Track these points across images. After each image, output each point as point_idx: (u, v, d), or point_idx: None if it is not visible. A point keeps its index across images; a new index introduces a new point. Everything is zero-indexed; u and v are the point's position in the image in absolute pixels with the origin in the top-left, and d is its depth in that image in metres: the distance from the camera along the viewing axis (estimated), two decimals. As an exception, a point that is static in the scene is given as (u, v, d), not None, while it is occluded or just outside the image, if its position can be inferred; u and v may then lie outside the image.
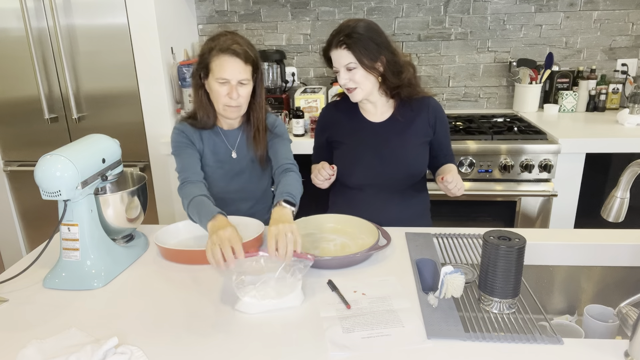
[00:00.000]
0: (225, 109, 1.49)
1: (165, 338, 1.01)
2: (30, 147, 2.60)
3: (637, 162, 1.04)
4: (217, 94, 1.47)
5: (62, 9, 2.34)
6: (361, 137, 1.61)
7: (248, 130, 1.59)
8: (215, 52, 1.45)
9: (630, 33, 2.73)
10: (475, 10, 2.75)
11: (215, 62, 1.44)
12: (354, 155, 1.62)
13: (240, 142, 1.61)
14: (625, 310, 1.12)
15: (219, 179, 1.60)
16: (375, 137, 1.60)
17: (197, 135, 1.56)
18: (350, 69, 1.49)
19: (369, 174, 1.60)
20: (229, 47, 1.43)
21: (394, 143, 1.59)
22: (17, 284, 1.24)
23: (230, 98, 1.46)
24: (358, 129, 1.62)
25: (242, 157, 1.61)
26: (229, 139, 1.59)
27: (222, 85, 1.46)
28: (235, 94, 1.45)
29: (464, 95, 2.92)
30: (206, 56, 1.47)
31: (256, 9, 2.86)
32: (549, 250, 1.40)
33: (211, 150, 1.57)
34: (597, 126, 2.46)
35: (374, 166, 1.59)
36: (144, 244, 1.42)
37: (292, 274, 1.13)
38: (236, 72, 1.44)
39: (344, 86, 1.53)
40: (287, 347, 0.97)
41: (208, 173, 1.57)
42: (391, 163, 1.58)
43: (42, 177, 1.13)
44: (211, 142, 1.58)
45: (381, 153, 1.59)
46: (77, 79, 2.45)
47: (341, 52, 1.48)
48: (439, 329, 1.00)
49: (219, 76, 1.44)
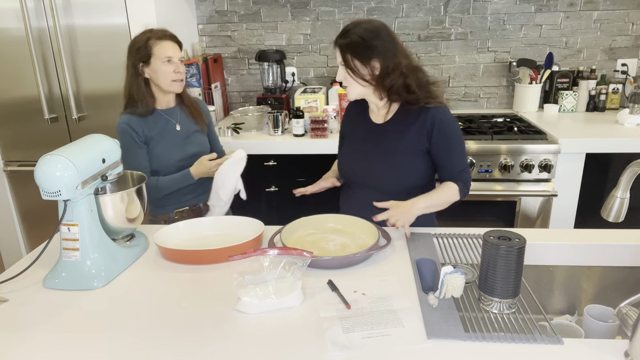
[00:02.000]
0: (172, 84, 1.76)
1: (165, 338, 1.01)
2: (30, 147, 2.60)
3: (637, 162, 1.04)
4: (163, 73, 1.73)
5: (62, 9, 2.34)
6: (360, 136, 1.61)
7: (184, 107, 1.88)
8: (153, 40, 1.72)
9: (630, 33, 2.73)
10: (475, 10, 2.75)
11: (157, 47, 1.71)
12: (350, 153, 1.64)
13: (180, 117, 1.86)
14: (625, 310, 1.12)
15: (174, 150, 1.82)
16: (370, 138, 1.58)
17: (142, 123, 1.77)
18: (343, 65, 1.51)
19: (362, 174, 1.59)
20: (165, 33, 1.74)
21: (384, 147, 1.55)
22: (17, 284, 1.24)
23: (177, 72, 1.75)
24: (360, 127, 1.63)
25: (186, 129, 1.86)
26: (170, 116, 1.84)
27: (168, 63, 1.72)
28: (181, 68, 1.76)
29: (464, 95, 2.92)
30: (144, 46, 1.72)
31: (256, 9, 2.86)
32: (549, 250, 1.40)
33: (158, 131, 1.80)
34: (597, 126, 2.46)
35: (364, 167, 1.58)
36: (144, 244, 1.42)
37: (292, 273, 1.13)
38: (177, 52, 1.75)
39: (340, 81, 1.55)
40: (287, 347, 0.97)
41: (163, 149, 1.79)
42: (379, 167, 1.56)
43: (42, 177, 1.13)
44: (154, 123, 1.80)
45: (371, 155, 1.57)
46: (77, 79, 2.45)
47: (336, 50, 1.51)
48: (439, 329, 1.00)
49: (164, 57, 1.71)
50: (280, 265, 1.15)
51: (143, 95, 1.76)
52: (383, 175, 1.56)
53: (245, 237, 1.40)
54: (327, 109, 2.54)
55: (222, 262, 1.31)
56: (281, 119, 2.47)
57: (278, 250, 1.16)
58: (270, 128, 2.49)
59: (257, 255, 1.16)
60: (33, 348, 0.99)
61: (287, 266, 1.15)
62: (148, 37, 1.71)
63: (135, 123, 1.75)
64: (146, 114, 1.77)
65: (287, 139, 2.44)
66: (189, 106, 1.88)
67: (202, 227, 1.50)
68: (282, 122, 2.48)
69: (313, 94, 2.61)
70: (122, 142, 1.67)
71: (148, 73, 1.75)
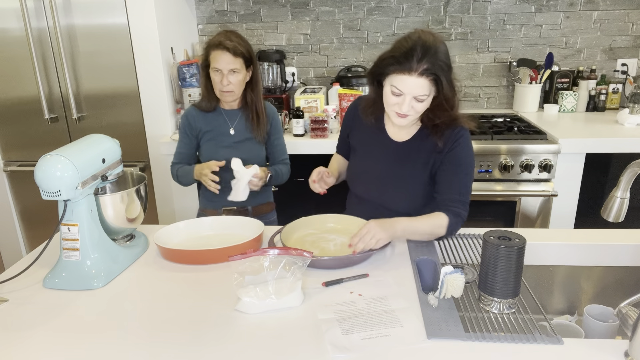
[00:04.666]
0: (221, 93, 1.80)
1: (165, 338, 1.01)
2: (30, 147, 2.60)
3: (637, 162, 1.04)
4: (214, 81, 1.79)
5: (62, 9, 2.34)
6: (374, 151, 1.52)
7: (246, 113, 1.88)
8: (210, 47, 1.77)
9: (630, 33, 2.73)
10: (475, 10, 2.75)
11: (212, 55, 1.76)
12: (363, 168, 1.55)
13: (239, 121, 1.88)
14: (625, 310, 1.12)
15: (220, 151, 1.85)
16: (389, 158, 1.49)
17: (200, 117, 1.86)
18: (420, 100, 1.30)
19: (370, 190, 1.54)
20: (220, 42, 1.74)
21: (406, 170, 1.46)
22: (17, 284, 1.24)
23: (222, 84, 1.76)
24: (376, 142, 1.52)
25: (239, 134, 1.88)
26: (230, 118, 1.88)
27: (217, 73, 1.76)
28: (226, 81, 1.75)
29: (464, 95, 2.92)
30: (205, 51, 1.79)
31: (256, 9, 2.86)
32: (549, 250, 1.40)
33: (212, 128, 1.87)
34: (597, 126, 2.46)
35: (377, 187, 1.51)
36: (144, 244, 1.42)
37: (292, 273, 1.13)
38: (225, 63, 1.74)
39: (401, 112, 1.33)
40: (287, 347, 0.97)
41: (211, 147, 1.86)
42: (391, 187, 1.49)
43: (42, 177, 1.13)
44: (213, 120, 1.87)
45: (389, 177, 1.49)
46: (77, 79, 2.45)
47: (421, 81, 1.26)
48: (439, 329, 1.00)
49: (213, 66, 1.76)
50: (280, 265, 1.15)
51: (207, 93, 1.84)
52: (399, 199, 1.49)
53: (245, 237, 1.40)
54: (327, 109, 2.54)
55: (222, 262, 1.31)
56: (281, 119, 2.47)
57: (278, 250, 1.16)
58: (270, 128, 2.49)
59: (257, 255, 1.16)
60: (33, 348, 0.99)
61: (287, 266, 1.15)
62: (209, 44, 1.77)
63: (194, 115, 1.86)
64: (208, 110, 1.86)
65: (287, 139, 2.43)
66: (252, 113, 1.86)
67: (202, 227, 1.50)
68: (282, 122, 2.48)
69: (313, 94, 2.61)
70: (179, 129, 1.90)
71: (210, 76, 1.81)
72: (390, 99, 1.34)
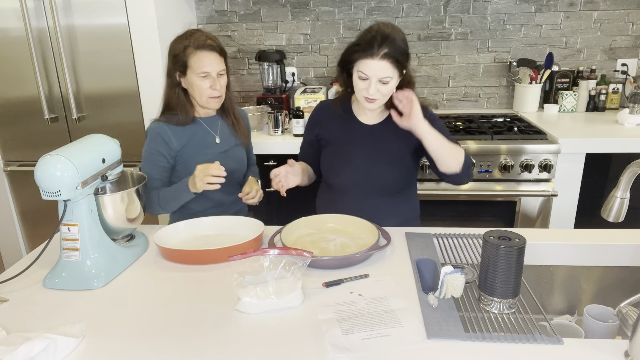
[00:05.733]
0: (209, 101, 1.60)
1: (165, 338, 1.01)
2: (30, 147, 2.60)
3: (637, 162, 1.04)
4: (199, 88, 1.57)
5: (62, 9, 2.34)
6: (352, 138, 1.58)
7: (225, 118, 1.72)
8: (191, 49, 1.54)
9: (630, 33, 2.73)
10: (475, 10, 2.75)
11: (194, 58, 1.54)
12: (343, 156, 1.59)
13: (221, 128, 1.71)
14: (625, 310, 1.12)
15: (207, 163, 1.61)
16: (366, 139, 1.57)
17: (176, 132, 1.61)
18: (384, 82, 1.42)
19: (356, 176, 1.57)
20: (205, 42, 1.55)
21: (386, 146, 1.55)
22: (17, 284, 1.24)
23: (214, 89, 1.58)
24: (349, 130, 1.59)
25: (226, 142, 1.71)
26: (211, 126, 1.69)
27: (204, 78, 1.56)
28: (218, 85, 1.58)
29: (464, 95, 2.92)
30: (182, 55, 1.55)
31: (256, 9, 2.86)
32: (549, 250, 1.40)
33: (192, 141, 1.64)
34: (597, 126, 2.46)
35: (362, 168, 1.56)
36: (144, 244, 1.42)
37: (292, 273, 1.13)
38: (215, 65, 1.56)
39: (370, 96, 1.44)
40: (287, 347, 0.97)
41: (193, 163, 1.56)
42: (381, 166, 1.55)
43: (42, 177, 1.13)
44: (192, 133, 1.64)
45: (371, 156, 1.55)
46: (77, 79, 2.45)
47: (382, 63, 1.39)
48: (439, 329, 1.00)
49: (200, 71, 1.54)
50: (280, 265, 1.15)
51: (182, 105, 1.61)
52: (385, 177, 1.56)
53: (245, 237, 1.40)
54: (327, 109, 2.54)
55: (222, 262, 1.31)
56: (281, 119, 2.47)
57: (278, 250, 1.16)
58: (270, 128, 2.49)
59: (257, 255, 1.16)
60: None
61: (287, 266, 1.15)
62: (186, 46, 1.54)
63: (167, 133, 1.59)
64: (185, 123, 1.62)
65: (287, 139, 2.44)
66: (230, 117, 1.72)
67: (202, 227, 1.50)
68: (282, 122, 2.48)
69: (313, 94, 2.61)
70: (146, 149, 1.61)
71: (185, 84, 1.60)
72: (358, 84, 1.45)
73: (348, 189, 1.60)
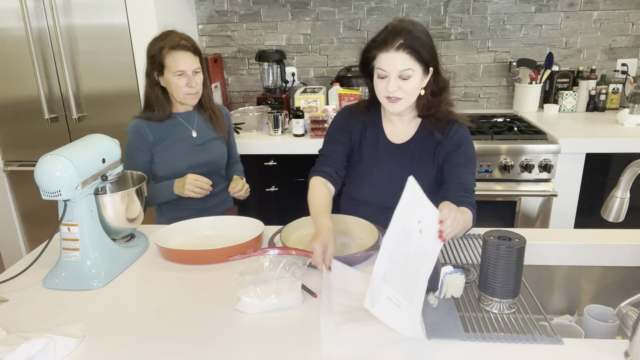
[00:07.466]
0: (186, 97, 1.70)
1: (165, 338, 1.01)
2: (30, 147, 2.60)
3: (637, 162, 1.04)
4: (176, 86, 1.67)
5: (62, 9, 2.34)
6: (378, 156, 1.52)
7: (202, 113, 1.82)
8: (166, 50, 1.64)
9: (630, 33, 2.73)
10: (475, 10, 2.75)
11: (169, 58, 1.64)
12: (367, 174, 1.53)
13: (198, 122, 1.80)
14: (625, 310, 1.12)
15: (184, 157, 1.76)
16: (392, 158, 1.50)
17: (152, 128, 1.72)
18: (405, 77, 1.33)
19: (378, 194, 1.52)
20: (179, 43, 1.64)
21: (410, 166, 1.47)
22: (17, 284, 1.24)
23: (190, 87, 1.67)
24: (377, 147, 1.52)
25: (202, 136, 1.80)
26: (187, 121, 1.78)
27: (180, 77, 1.65)
28: (193, 82, 1.67)
29: (464, 95, 2.92)
30: (158, 56, 1.65)
31: (256, 9, 2.86)
32: (549, 250, 1.40)
33: (172, 135, 1.75)
34: (597, 126, 2.46)
35: (384, 187, 1.50)
36: (144, 244, 1.42)
37: (292, 273, 1.13)
38: (189, 64, 1.65)
39: (390, 94, 1.35)
40: (287, 347, 0.97)
41: (171, 154, 1.74)
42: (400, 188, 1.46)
43: (42, 177, 1.13)
44: (169, 128, 1.75)
45: (395, 174, 1.48)
46: (77, 79, 2.45)
47: (400, 55, 1.31)
48: (439, 329, 1.00)
49: (175, 70, 1.64)
50: (280, 265, 1.15)
51: (160, 103, 1.72)
52: None
53: (245, 237, 1.40)
54: (327, 109, 2.53)
55: (222, 262, 1.31)
56: (281, 119, 2.47)
57: (278, 250, 1.16)
58: (270, 128, 2.49)
59: (257, 255, 1.17)
60: (33, 348, 0.99)
61: (287, 266, 1.15)
62: (161, 47, 1.64)
63: (145, 129, 1.71)
64: (162, 119, 1.73)
65: (287, 139, 2.44)
66: (208, 112, 1.81)
67: (202, 227, 1.50)
68: (282, 122, 2.48)
69: (313, 94, 2.61)
70: (128, 146, 1.71)
71: (163, 82, 1.70)
72: (378, 84, 1.38)
73: (369, 202, 1.55)
